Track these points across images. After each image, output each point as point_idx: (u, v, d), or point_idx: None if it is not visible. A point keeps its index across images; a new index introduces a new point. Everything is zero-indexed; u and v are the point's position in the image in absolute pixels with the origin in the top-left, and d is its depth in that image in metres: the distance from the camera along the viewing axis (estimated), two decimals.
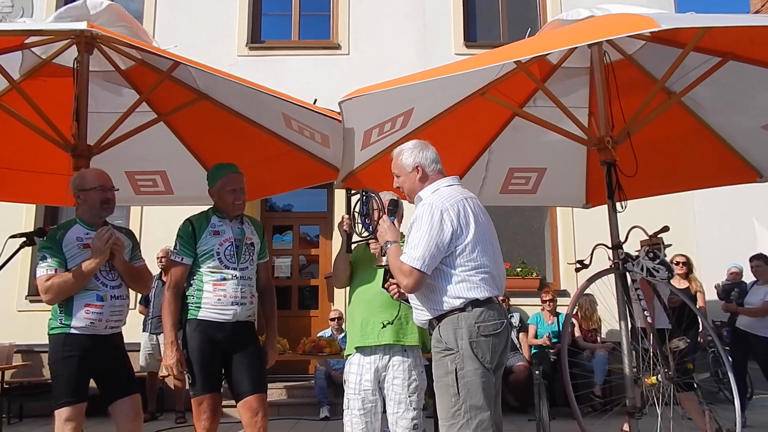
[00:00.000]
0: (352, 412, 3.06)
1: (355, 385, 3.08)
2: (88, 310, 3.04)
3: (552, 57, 4.23)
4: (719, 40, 3.61)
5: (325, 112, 3.48)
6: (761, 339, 5.92)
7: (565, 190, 5.27)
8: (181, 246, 3.20)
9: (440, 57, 7.60)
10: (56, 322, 3.06)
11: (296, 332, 6.83)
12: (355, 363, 3.11)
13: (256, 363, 3.23)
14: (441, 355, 2.49)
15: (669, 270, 3.77)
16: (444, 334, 2.49)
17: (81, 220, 3.20)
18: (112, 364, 3.18)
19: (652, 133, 4.21)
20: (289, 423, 6.53)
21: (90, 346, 3.05)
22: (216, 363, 3.16)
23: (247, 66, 7.99)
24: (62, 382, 3.00)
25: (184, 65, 3.52)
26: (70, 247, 3.09)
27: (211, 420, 3.10)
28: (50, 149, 3.96)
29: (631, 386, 3.67)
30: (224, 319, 3.14)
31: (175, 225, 3.37)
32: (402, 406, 3.00)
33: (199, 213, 3.31)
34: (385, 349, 3.05)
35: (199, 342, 3.11)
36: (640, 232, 3.85)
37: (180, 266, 3.19)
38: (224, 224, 3.27)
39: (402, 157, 2.76)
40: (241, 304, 3.18)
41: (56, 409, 2.98)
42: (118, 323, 3.20)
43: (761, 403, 7.14)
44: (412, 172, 2.71)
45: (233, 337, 3.16)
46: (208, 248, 3.18)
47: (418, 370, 3.10)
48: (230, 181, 3.28)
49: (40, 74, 4.09)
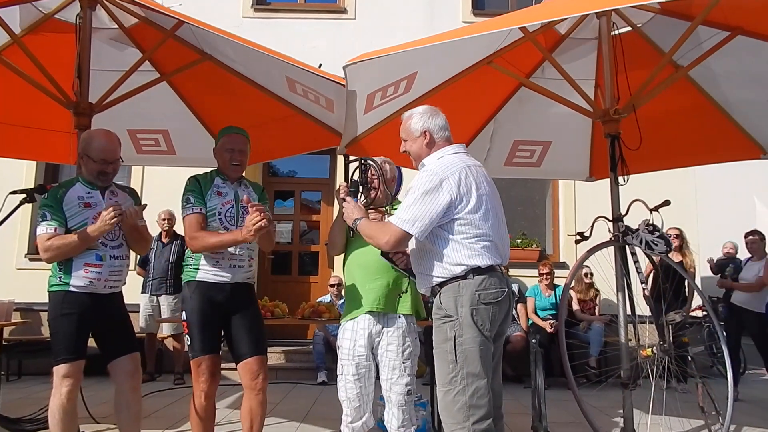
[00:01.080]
0: (345, 378, 3.07)
1: (348, 351, 3.08)
2: (87, 269, 3.04)
3: (560, 27, 4.18)
4: (729, 13, 3.56)
5: (330, 76, 3.45)
6: (754, 314, 5.98)
7: (569, 163, 5.26)
8: (195, 199, 3.13)
9: (447, 24, 7.50)
10: (56, 280, 3.07)
11: (296, 297, 6.87)
12: (348, 329, 3.11)
13: (256, 325, 3.22)
14: (441, 321, 2.50)
15: (667, 244, 3.79)
16: (444, 301, 2.49)
17: (83, 179, 3.18)
18: (112, 323, 3.19)
19: (657, 108, 4.19)
20: (286, 387, 6.63)
21: (89, 305, 3.06)
22: (215, 324, 3.14)
23: (251, 28, 7.88)
24: (61, 339, 3.01)
25: (188, 24, 3.47)
26: (70, 206, 3.07)
27: (210, 382, 3.08)
28: (52, 106, 3.94)
29: (627, 358, 3.72)
30: (223, 280, 3.13)
31: (176, 187, 3.35)
32: (396, 371, 3.01)
33: (204, 173, 3.28)
34: (380, 316, 3.07)
35: (198, 302, 3.10)
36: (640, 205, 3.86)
37: (199, 215, 3.11)
38: (226, 186, 3.24)
39: (411, 121, 2.72)
40: (239, 266, 3.17)
41: (54, 366, 2.99)
42: (117, 283, 3.20)
43: (753, 378, 7.24)
44: (419, 137, 2.68)
45: (232, 298, 3.15)
46: (211, 207, 3.15)
47: (411, 337, 3.11)
48: (230, 141, 3.23)
49: (41, 29, 4.04)
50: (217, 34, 3.37)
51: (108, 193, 3.21)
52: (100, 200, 3.14)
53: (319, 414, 5.17)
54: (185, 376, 6.67)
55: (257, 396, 3.10)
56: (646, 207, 3.85)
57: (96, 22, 3.98)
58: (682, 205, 7.70)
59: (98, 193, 3.17)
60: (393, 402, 3.02)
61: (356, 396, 3.05)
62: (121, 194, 3.28)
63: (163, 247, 6.85)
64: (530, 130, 4.87)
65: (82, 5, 3.72)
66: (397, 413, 3.02)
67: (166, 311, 6.72)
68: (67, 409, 2.98)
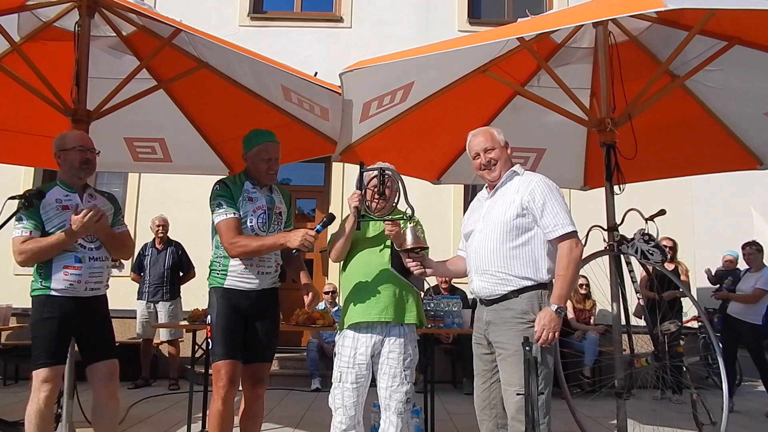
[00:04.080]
0: (344, 385, 3.05)
1: (349, 359, 3.07)
2: (66, 272, 3.00)
3: (556, 36, 4.20)
4: (726, 24, 3.58)
5: (325, 84, 3.46)
6: (749, 326, 5.98)
7: (564, 171, 5.26)
8: (228, 204, 3.10)
9: (443, 33, 7.56)
10: (37, 284, 3.03)
11: (290, 304, 6.82)
12: (349, 337, 3.09)
13: (272, 332, 3.23)
14: (526, 326, 2.67)
15: (663, 253, 3.79)
16: (529, 305, 2.71)
17: (61, 182, 3.15)
18: (92, 327, 3.15)
19: (654, 117, 4.20)
20: (280, 393, 6.62)
21: (71, 308, 3.02)
22: (238, 330, 3.12)
23: (248, 36, 7.92)
24: (41, 344, 2.97)
25: (185, 32, 3.49)
26: (48, 209, 3.03)
27: (228, 388, 3.03)
28: (50, 113, 3.94)
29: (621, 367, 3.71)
30: (250, 287, 3.12)
31: (171, 194, 3.35)
32: (397, 379, 3.02)
33: (232, 177, 3.27)
34: (383, 326, 3.06)
35: (224, 308, 3.09)
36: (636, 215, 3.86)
37: (234, 219, 3.08)
38: (257, 191, 3.23)
39: (495, 132, 3.01)
40: (267, 273, 3.17)
41: (34, 370, 2.96)
42: (98, 285, 3.15)
43: (749, 390, 7.22)
44: (504, 148, 2.99)
45: (257, 304, 3.15)
46: (243, 213, 3.13)
47: (412, 345, 3.11)
48: (267, 150, 3.22)
49: (40, 37, 4.05)
50: (214, 42, 3.37)
51: (86, 196, 3.18)
52: (78, 203, 3.11)
53: (313, 420, 5.17)
54: (180, 382, 6.66)
55: (255, 402, 3.15)
56: (641, 216, 3.85)
57: (94, 30, 3.99)
58: (679, 215, 7.72)
59: (76, 195, 3.14)
60: (392, 410, 3.02)
61: (353, 404, 3.05)
62: (99, 198, 3.26)
63: (158, 254, 6.84)
64: (525, 138, 4.87)
65: (80, 13, 3.73)
66: (396, 421, 3.01)
67: (163, 317, 6.70)
68: (45, 414, 2.95)
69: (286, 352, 7.66)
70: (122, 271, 7.52)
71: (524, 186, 2.83)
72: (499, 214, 2.81)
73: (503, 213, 2.80)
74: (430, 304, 4.42)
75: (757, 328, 6.01)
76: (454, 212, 8.19)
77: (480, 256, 2.84)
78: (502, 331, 2.73)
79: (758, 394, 6.59)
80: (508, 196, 2.84)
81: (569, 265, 2.70)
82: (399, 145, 4.53)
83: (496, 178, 2.95)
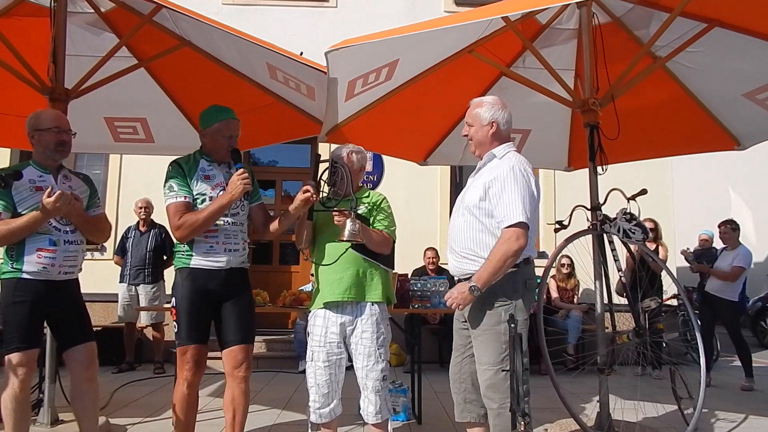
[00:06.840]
0: (315, 364, 3.08)
1: (320, 338, 3.10)
2: (40, 255, 2.93)
3: (541, 17, 4.20)
4: (706, 6, 3.62)
5: (311, 63, 3.43)
6: (727, 302, 6.10)
7: (548, 152, 5.30)
8: (179, 186, 3.00)
9: (429, 13, 7.50)
10: (7, 267, 2.95)
11: (277, 287, 6.85)
12: (320, 316, 3.13)
13: (246, 313, 3.14)
14: (496, 305, 2.66)
15: (644, 232, 3.85)
16: (500, 286, 2.64)
17: (35, 162, 3.07)
18: (67, 311, 3.09)
19: (636, 98, 4.24)
20: (268, 375, 6.63)
21: (43, 292, 2.95)
22: (205, 314, 3.06)
23: (231, 15, 7.79)
24: (13, 328, 2.90)
25: (166, 9, 3.42)
26: (20, 189, 2.94)
27: (194, 371, 3.01)
28: (26, 92, 3.87)
29: (604, 344, 3.78)
30: (216, 266, 3.04)
31: (154, 176, 3.29)
32: (372, 358, 3.05)
33: (186, 156, 3.15)
34: (353, 306, 3.09)
35: (189, 291, 3.01)
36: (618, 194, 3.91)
37: (182, 203, 2.98)
38: (214, 168, 3.13)
39: (481, 109, 2.84)
40: (234, 251, 3.09)
41: (6, 355, 2.89)
42: (72, 269, 3.09)
43: (725, 365, 7.40)
44: (486, 126, 2.81)
45: (226, 284, 3.07)
46: (200, 193, 3.05)
47: (384, 323, 3.14)
48: (228, 127, 3.11)
49: (14, 13, 3.94)
50: (196, 19, 3.30)
51: (61, 177, 3.10)
52: (52, 184, 3.01)
53: (300, 402, 5.17)
54: (165, 365, 6.64)
55: (240, 385, 3.04)
56: (623, 196, 3.90)
57: (71, 5, 3.91)
58: (660, 195, 7.82)
59: (50, 176, 3.06)
60: (369, 388, 3.06)
61: (325, 382, 3.08)
62: (75, 179, 3.18)
63: (141, 236, 6.76)
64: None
65: None
66: (374, 399, 3.05)
67: (144, 300, 6.63)
68: (20, 399, 2.90)
69: (273, 334, 7.66)
70: (104, 254, 7.47)
71: (494, 171, 2.73)
72: (470, 196, 2.80)
73: (473, 195, 2.78)
74: (417, 284, 4.43)
75: (734, 305, 6.13)
76: (440, 194, 8.20)
77: (452, 235, 2.87)
78: (474, 310, 2.74)
79: (734, 368, 6.73)
80: (481, 179, 2.78)
81: (502, 257, 2.56)
82: (385, 126, 4.52)
83: (475, 155, 2.91)
